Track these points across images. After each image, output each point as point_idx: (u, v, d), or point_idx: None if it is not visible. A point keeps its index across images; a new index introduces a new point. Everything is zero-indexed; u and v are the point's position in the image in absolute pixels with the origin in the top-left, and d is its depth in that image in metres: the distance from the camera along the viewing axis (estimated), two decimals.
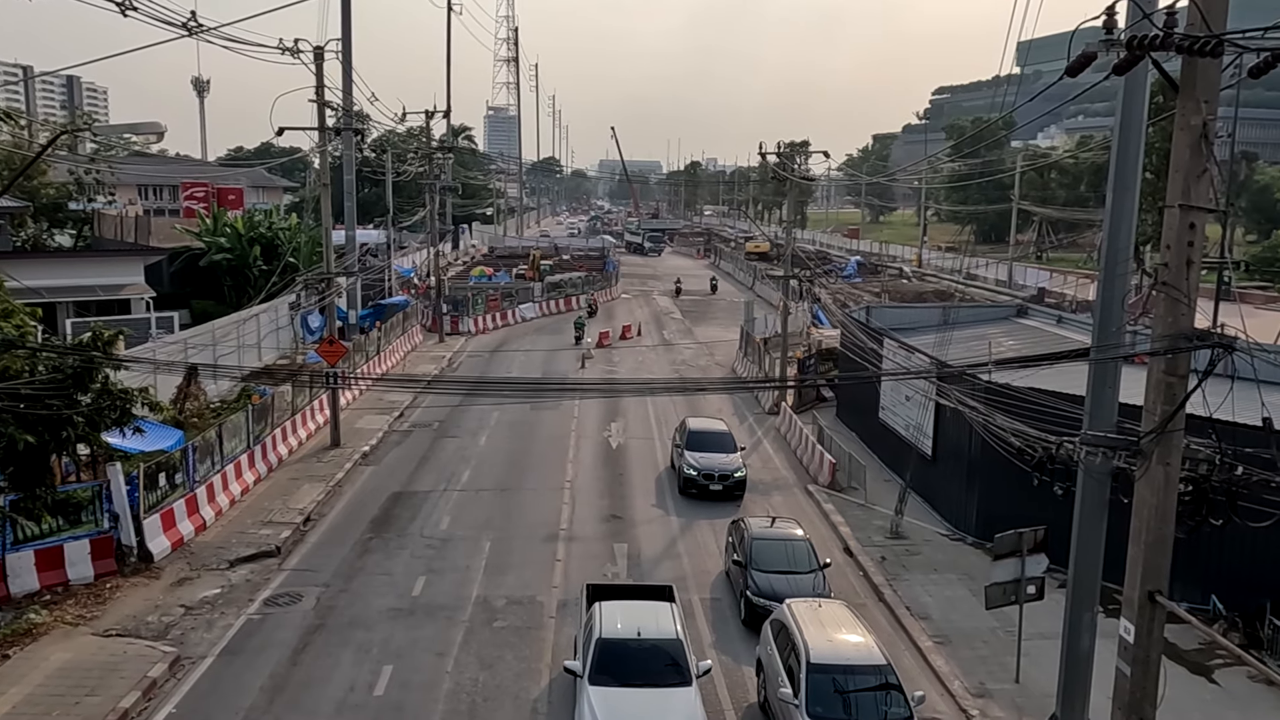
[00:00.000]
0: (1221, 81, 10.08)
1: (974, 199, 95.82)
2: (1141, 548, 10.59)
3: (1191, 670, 17.55)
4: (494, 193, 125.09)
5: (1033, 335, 31.24)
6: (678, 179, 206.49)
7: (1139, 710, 10.94)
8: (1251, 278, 65.09)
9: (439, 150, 59.90)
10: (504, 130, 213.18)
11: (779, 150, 45.44)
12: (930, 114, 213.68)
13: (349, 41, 42.73)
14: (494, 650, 18.16)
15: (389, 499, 26.65)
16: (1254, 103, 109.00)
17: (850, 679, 14.61)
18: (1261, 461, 10.67)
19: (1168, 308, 10.02)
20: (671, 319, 61.99)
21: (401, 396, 36.98)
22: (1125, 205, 13.67)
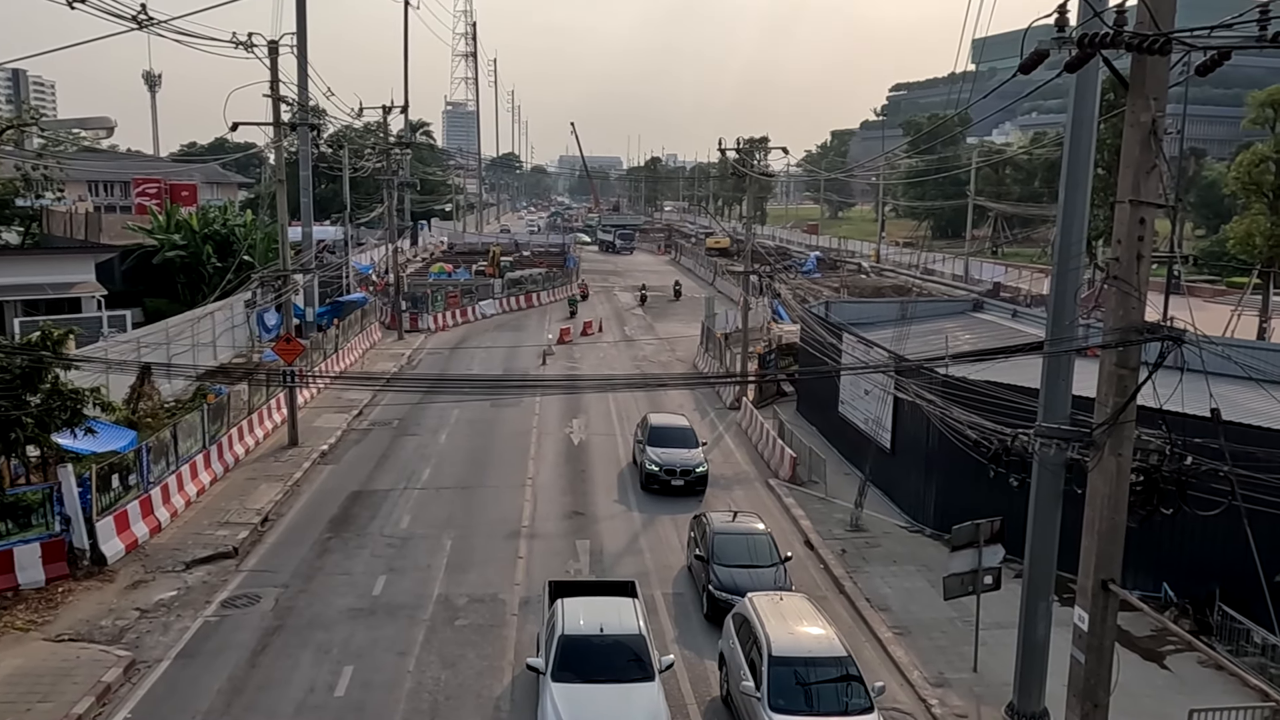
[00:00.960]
0: (1170, 79, 10.27)
1: (931, 195, 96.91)
2: (1095, 537, 10.79)
3: (1144, 656, 17.90)
4: (453, 189, 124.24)
5: (989, 329, 31.65)
6: (638, 175, 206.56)
7: (1093, 696, 11.15)
8: (1200, 272, 66.46)
9: (397, 146, 59.43)
10: (463, 126, 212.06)
11: (738, 146, 45.64)
12: (888, 110, 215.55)
13: (304, 35, 42.26)
14: (456, 649, 18.07)
15: (348, 498, 26.41)
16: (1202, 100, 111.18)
17: (811, 671, 14.74)
18: (1210, 451, 10.91)
19: (1119, 301, 10.21)
20: (633, 315, 62.01)
21: (360, 394, 36.65)
22: (1077, 201, 13.89)
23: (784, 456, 28.83)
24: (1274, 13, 9.32)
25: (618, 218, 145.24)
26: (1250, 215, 40.18)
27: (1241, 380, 14.79)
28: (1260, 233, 39.14)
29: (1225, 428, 10.53)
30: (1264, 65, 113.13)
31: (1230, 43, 9.65)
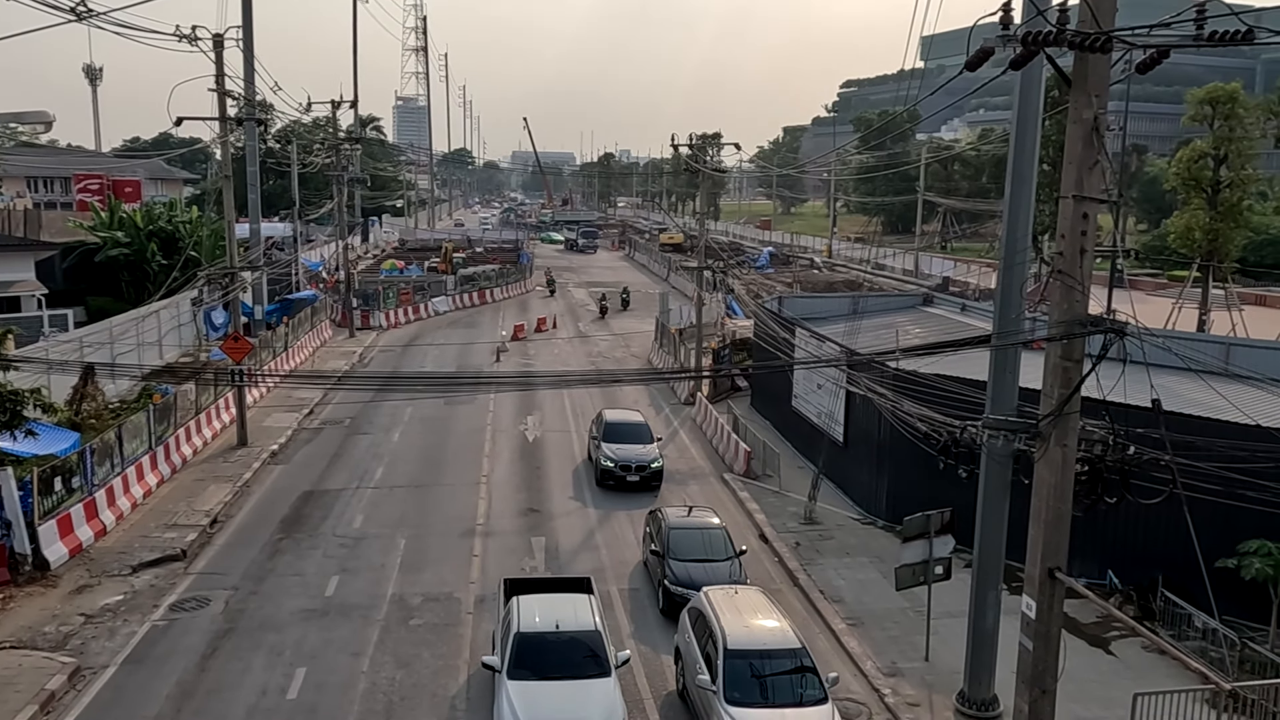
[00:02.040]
0: (1112, 77, 10.49)
1: (881, 190, 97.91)
2: (1041, 526, 11.00)
3: (1090, 643, 18.29)
4: (404, 184, 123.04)
5: (938, 323, 32.09)
6: (591, 171, 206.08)
7: (1041, 683, 11.37)
8: (1142, 265, 67.95)
9: (346, 141, 58.71)
10: (414, 121, 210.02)
11: (691, 142, 45.71)
12: (839, 107, 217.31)
13: (250, 28, 41.48)
14: (411, 648, 17.93)
15: (300, 498, 26.08)
16: (1143, 97, 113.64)
17: (766, 663, 14.85)
18: (1152, 441, 11.17)
19: (1063, 295, 10.41)
20: (587, 311, 61.91)
21: (311, 393, 36.19)
22: (1022, 197, 14.13)
23: (738, 451, 28.99)
24: (1210, 12, 9.57)
25: (571, 214, 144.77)
26: (1190, 210, 41.14)
27: (1182, 371, 15.18)
28: (1199, 227, 40.11)
29: (1166, 418, 10.79)
30: (1202, 64, 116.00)
31: (1169, 41, 9.89)
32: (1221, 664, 16.25)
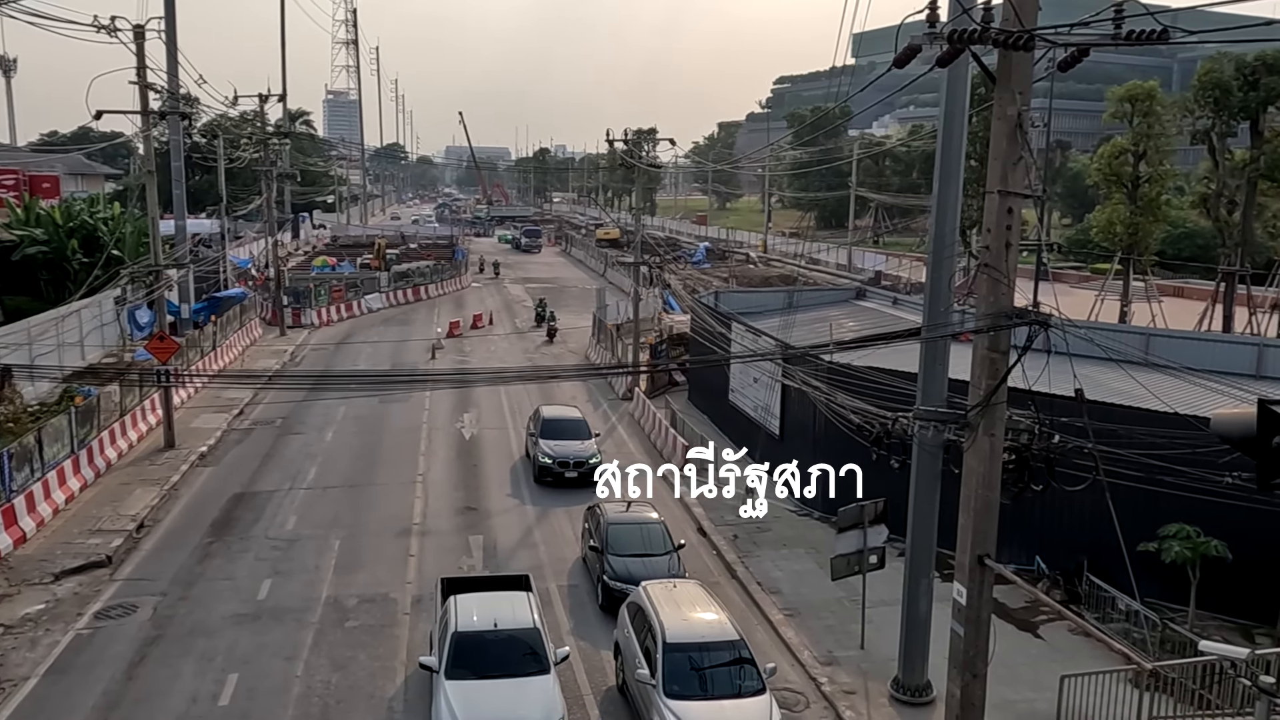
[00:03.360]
0: (1035, 74, 10.73)
1: (815, 186, 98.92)
2: (971, 515, 11.24)
3: (1019, 627, 18.75)
4: (336, 180, 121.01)
5: (871, 316, 32.58)
6: (527, 166, 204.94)
7: (972, 667, 11.62)
8: (1066, 259, 69.76)
9: (275, 136, 57.55)
10: (345, 115, 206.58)
11: (626, 138, 45.68)
12: (772, 103, 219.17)
13: (173, 20, 40.51)
14: (346, 651, 17.68)
15: (230, 500, 25.52)
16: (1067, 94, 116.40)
17: (705, 656, 14.95)
18: (1075, 430, 11.48)
19: (989, 288, 10.64)
20: (524, 307, 61.55)
21: (241, 393, 35.41)
22: (950, 192, 14.40)
23: (676, 445, 29.07)
24: (1128, 13, 9.84)
25: (506, 209, 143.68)
26: (1111, 205, 42.32)
27: (1103, 361, 15.59)
28: (1120, 221, 41.29)
29: (1088, 407, 11.09)
30: (1123, 62, 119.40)
31: (1089, 40, 10.15)
32: (1144, 644, 16.79)
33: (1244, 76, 37.23)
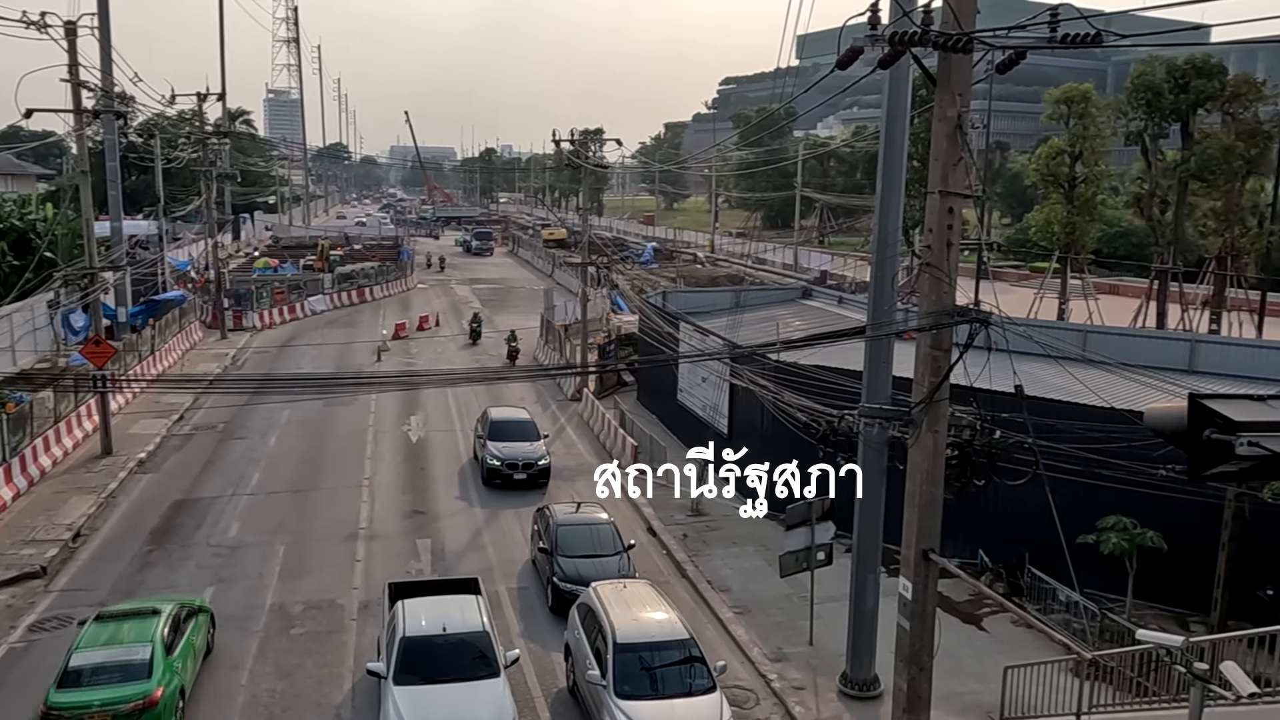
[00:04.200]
0: (974, 76, 10.92)
1: (761, 186, 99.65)
2: (915, 510, 11.41)
3: (963, 620, 19.06)
4: (278, 180, 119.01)
5: (817, 315, 32.90)
6: (472, 166, 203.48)
7: (918, 661, 11.79)
8: (1006, 258, 71.08)
9: (214, 135, 56.42)
10: (286, 114, 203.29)
11: (573, 138, 45.61)
12: (718, 103, 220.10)
13: (106, 16, 39.58)
14: (292, 658, 17.41)
15: (171, 507, 24.98)
16: (1006, 96, 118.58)
17: (655, 655, 14.99)
18: (1016, 425, 11.70)
19: (931, 287, 10.80)
20: (470, 308, 61.02)
21: (181, 398, 34.70)
22: (893, 193, 14.58)
23: (625, 445, 29.10)
24: (1063, 16, 10.06)
25: (452, 209, 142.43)
26: (1049, 205, 43.23)
27: (1042, 358, 15.93)
28: (1058, 220, 42.19)
29: (1028, 402, 11.31)
30: (1059, 65, 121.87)
31: (1026, 43, 10.36)
32: (1084, 635, 17.17)
33: (1175, 79, 38.26)
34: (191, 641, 15.98)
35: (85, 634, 15.09)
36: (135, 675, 14.21)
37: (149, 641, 14.80)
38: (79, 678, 14.16)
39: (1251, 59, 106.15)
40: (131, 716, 13.88)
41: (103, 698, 13.87)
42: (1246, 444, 4.39)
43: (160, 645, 14.82)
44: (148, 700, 14.00)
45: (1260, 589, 17.62)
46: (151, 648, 14.69)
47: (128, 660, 14.43)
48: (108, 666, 14.34)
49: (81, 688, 14.00)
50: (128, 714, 13.84)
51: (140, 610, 15.90)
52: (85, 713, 13.68)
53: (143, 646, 14.70)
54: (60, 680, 14.13)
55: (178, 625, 15.76)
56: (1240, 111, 38.38)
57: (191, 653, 15.91)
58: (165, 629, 15.25)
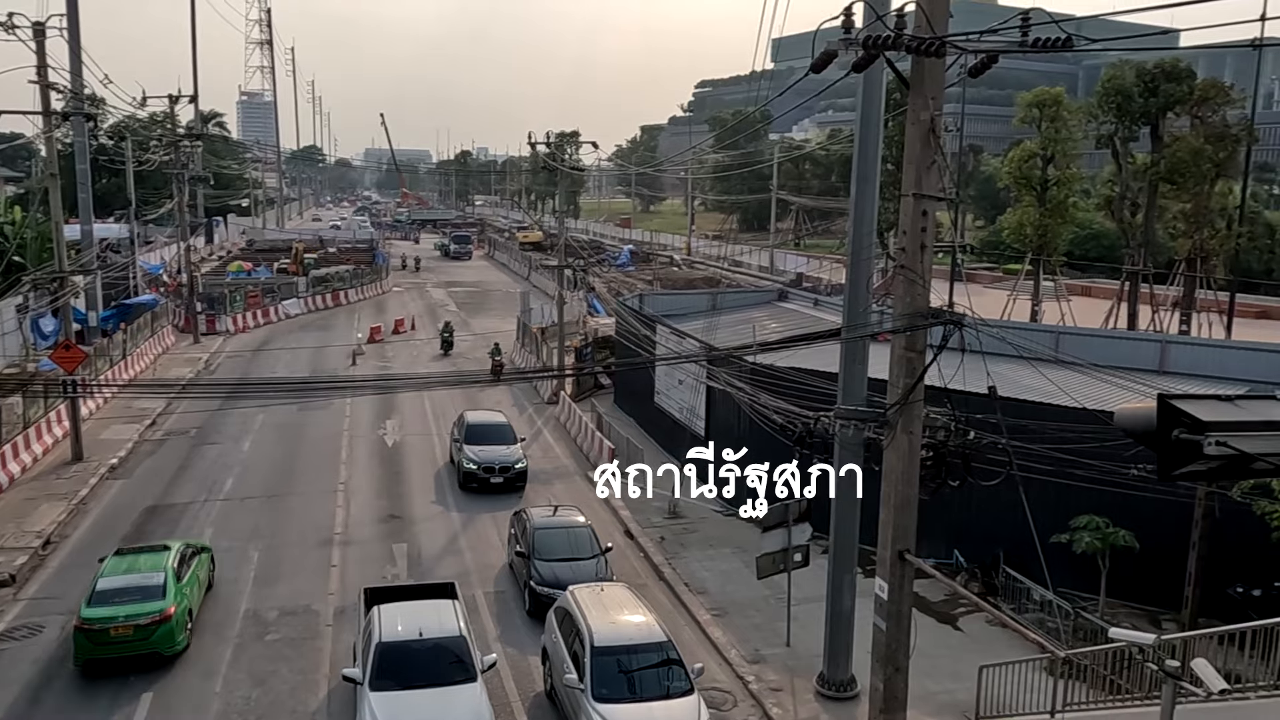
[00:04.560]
0: (947, 80, 11.00)
1: (737, 189, 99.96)
2: (891, 511, 11.46)
3: (939, 620, 19.18)
4: (251, 183, 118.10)
5: (793, 318, 33.02)
6: (448, 168, 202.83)
7: (894, 661, 11.84)
8: (980, 260, 71.64)
9: (186, 138, 55.90)
10: (260, 117, 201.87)
11: (549, 141, 45.51)
12: (694, 106, 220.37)
13: (76, 17, 39.20)
14: (267, 665, 17.26)
15: (143, 514, 24.71)
16: (979, 100, 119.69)
17: (633, 658, 14.98)
18: (990, 426, 11.78)
19: (906, 289, 10.86)
20: (446, 311, 60.87)
21: (153, 403, 34.33)
22: (867, 196, 14.66)
23: (602, 448, 29.07)
24: (1034, 21, 10.16)
25: (428, 212, 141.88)
26: (1022, 207, 43.58)
27: (1016, 359, 16.06)
28: (1030, 223, 42.54)
29: (1002, 403, 11.39)
30: (1031, 69, 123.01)
31: (997, 47, 10.45)
32: (1057, 633, 17.32)
33: (1144, 83, 38.68)
34: (197, 574, 18.82)
35: (107, 565, 17.78)
36: (152, 596, 16.95)
37: (162, 570, 17.53)
38: (105, 597, 16.77)
39: (1219, 63, 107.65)
40: (149, 628, 16.64)
41: (126, 613, 16.59)
42: (1214, 444, 4.44)
43: (172, 573, 17.56)
44: (163, 615, 16.81)
45: (1230, 586, 17.86)
46: (165, 574, 17.42)
47: (145, 584, 17.18)
48: (129, 589, 16.99)
49: (108, 605, 16.63)
50: (146, 626, 16.63)
51: (153, 547, 19.08)
52: (111, 625, 16.46)
53: (157, 574, 17.43)
54: (89, 600, 16.76)
55: (185, 559, 18.52)
56: (1208, 115, 38.85)
57: (197, 582, 18.78)
58: (175, 561, 18.01)
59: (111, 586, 17.03)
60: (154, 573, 17.44)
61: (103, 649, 16.52)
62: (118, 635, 16.46)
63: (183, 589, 17.64)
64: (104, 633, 16.41)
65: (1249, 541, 16.88)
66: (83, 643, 16.48)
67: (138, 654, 16.65)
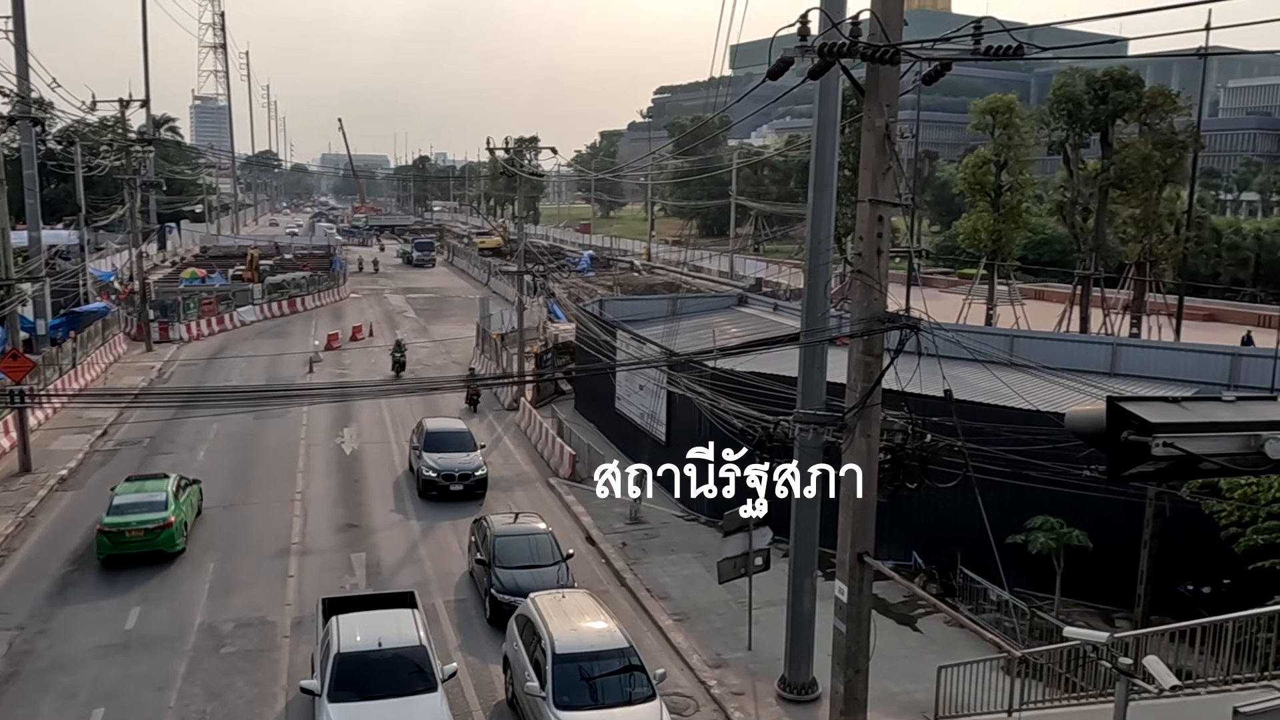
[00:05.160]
0: (902, 87, 11.13)
1: (696, 195, 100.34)
2: (850, 514, 11.56)
3: (899, 621, 19.34)
4: (205, 188, 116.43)
5: (753, 323, 33.16)
6: (406, 174, 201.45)
7: (855, 663, 11.94)
8: (936, 264, 72.53)
9: (138, 143, 54.99)
10: (214, 122, 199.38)
11: (507, 146, 45.41)
12: (654, 112, 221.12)
13: (22, 19, 38.45)
14: (223, 678, 16.99)
15: (94, 526, 24.19)
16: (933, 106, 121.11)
17: (595, 665, 14.94)
18: (946, 429, 11.92)
19: (863, 293, 10.97)
20: (405, 318, 60.49)
21: (105, 413, 33.68)
22: (825, 201, 14.78)
23: (563, 455, 29.01)
24: (986, 29, 10.32)
25: (385, 218, 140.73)
26: (976, 213, 44.21)
27: (971, 362, 16.27)
28: (985, 228, 43.16)
29: (957, 406, 11.54)
30: (985, 76, 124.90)
31: (950, 55, 10.60)
32: (1014, 633, 17.55)
33: (1094, 91, 39.42)
34: (190, 498, 23.63)
35: (120, 488, 22.70)
36: (157, 508, 21.74)
37: (164, 491, 22.30)
38: (120, 510, 21.62)
39: (1166, 71, 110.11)
40: (156, 532, 21.43)
41: (138, 520, 21.44)
42: (1162, 445, 4.53)
43: (171, 493, 22.31)
44: (166, 522, 21.61)
45: (1181, 584, 18.20)
46: (167, 494, 22.20)
47: (152, 500, 21.96)
48: (139, 503, 21.80)
49: (123, 515, 21.48)
50: (153, 530, 21.40)
51: (155, 475, 24.08)
52: (126, 528, 21.29)
53: (160, 493, 22.20)
54: (109, 511, 21.66)
55: (181, 487, 23.15)
56: (1156, 122, 39.69)
57: (190, 503, 23.60)
58: (174, 486, 22.70)
59: (125, 501, 21.76)
60: (158, 492, 22.16)
61: (119, 547, 21.24)
62: (131, 537, 21.23)
63: (180, 505, 22.42)
64: (120, 534, 21.15)
65: (1198, 540, 17.22)
66: (104, 542, 21.27)
67: (146, 551, 21.34)
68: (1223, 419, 4.75)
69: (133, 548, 21.20)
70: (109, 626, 18.81)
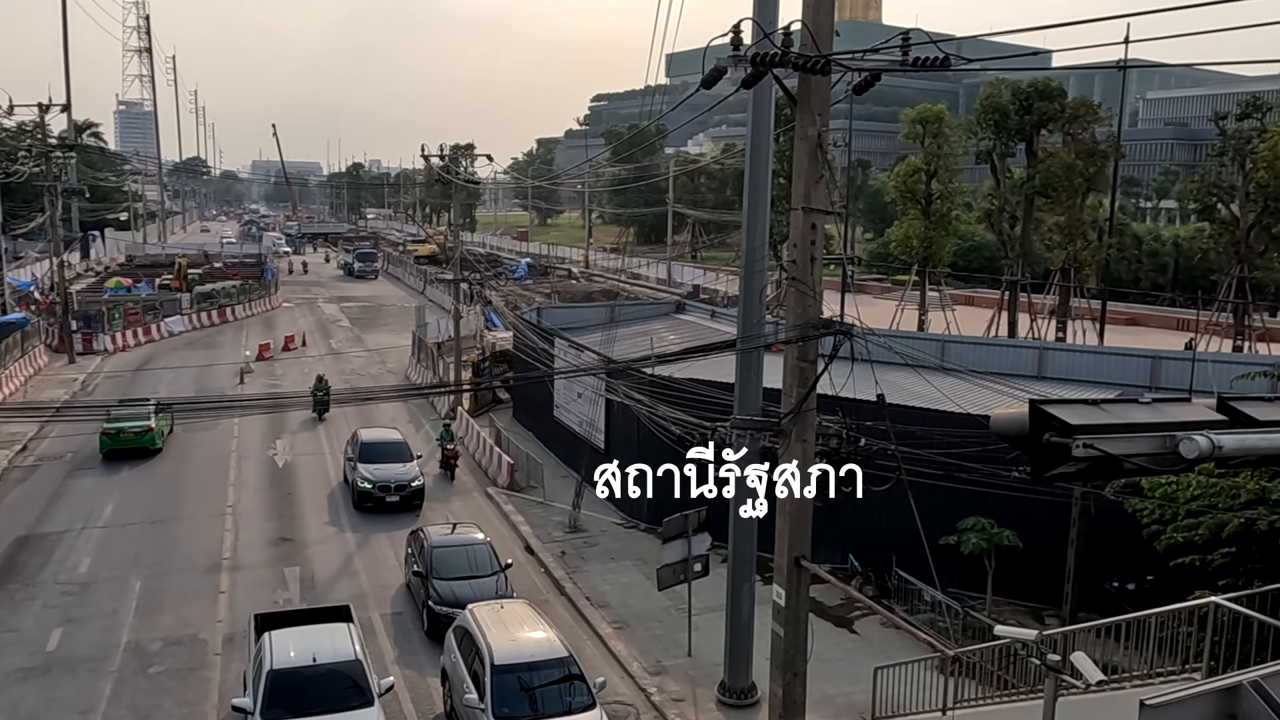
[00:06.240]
0: (833, 97, 11.29)
1: (633, 202, 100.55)
2: (786, 518, 11.66)
3: (836, 624, 19.56)
4: (130, 196, 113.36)
5: (691, 329, 33.34)
6: (339, 181, 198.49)
7: (792, 666, 12.03)
8: (869, 271, 73.70)
9: (59, 148, 53.40)
10: (139, 127, 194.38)
11: (443, 153, 45.01)
12: (590, 120, 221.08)
13: None
14: (150, 698, 16.53)
15: (13, 545, 23.40)
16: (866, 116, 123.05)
17: (534, 675, 14.86)
18: (879, 432, 12.11)
19: (797, 300, 11.09)
20: (339, 327, 59.59)
21: (24, 427, 32.54)
22: (759, 209, 14.92)
23: (501, 464, 28.82)
24: (914, 40, 10.52)
25: (318, 226, 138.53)
26: (908, 220, 45.06)
27: (903, 367, 16.51)
28: (916, 235, 44.03)
29: (890, 410, 11.72)
30: (915, 86, 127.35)
31: (880, 65, 10.79)
32: (948, 633, 17.86)
33: (1020, 101, 40.48)
34: (165, 418, 31.75)
35: (115, 410, 30.25)
36: (143, 418, 30.09)
37: (149, 408, 29.54)
38: (118, 419, 29.98)
39: (1088, 83, 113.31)
40: (143, 433, 30.29)
41: (130, 425, 30.09)
42: (1081, 446, 4.64)
43: (153, 410, 29.80)
44: (149, 427, 30.32)
45: (1107, 581, 18.70)
46: (150, 410, 29.69)
47: (138, 414, 29.90)
48: (130, 415, 30.00)
49: (119, 422, 29.94)
50: (140, 432, 30.21)
51: (140, 399, 31.66)
52: (122, 430, 29.94)
53: (146, 409, 29.63)
54: (108, 420, 29.74)
55: (158, 410, 30.14)
56: (1079, 132, 40.90)
57: (166, 422, 32.23)
58: (154, 407, 29.57)
59: (121, 413, 29.99)
60: (143, 409, 29.57)
61: (117, 444, 29.88)
62: (125, 436, 29.93)
63: (160, 419, 31.08)
64: (119, 434, 29.82)
65: (1122, 538, 17.71)
66: (105, 440, 29.80)
67: (136, 448, 30.13)
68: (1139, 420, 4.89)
69: (126, 444, 29.90)
70: (29, 649, 18.18)
